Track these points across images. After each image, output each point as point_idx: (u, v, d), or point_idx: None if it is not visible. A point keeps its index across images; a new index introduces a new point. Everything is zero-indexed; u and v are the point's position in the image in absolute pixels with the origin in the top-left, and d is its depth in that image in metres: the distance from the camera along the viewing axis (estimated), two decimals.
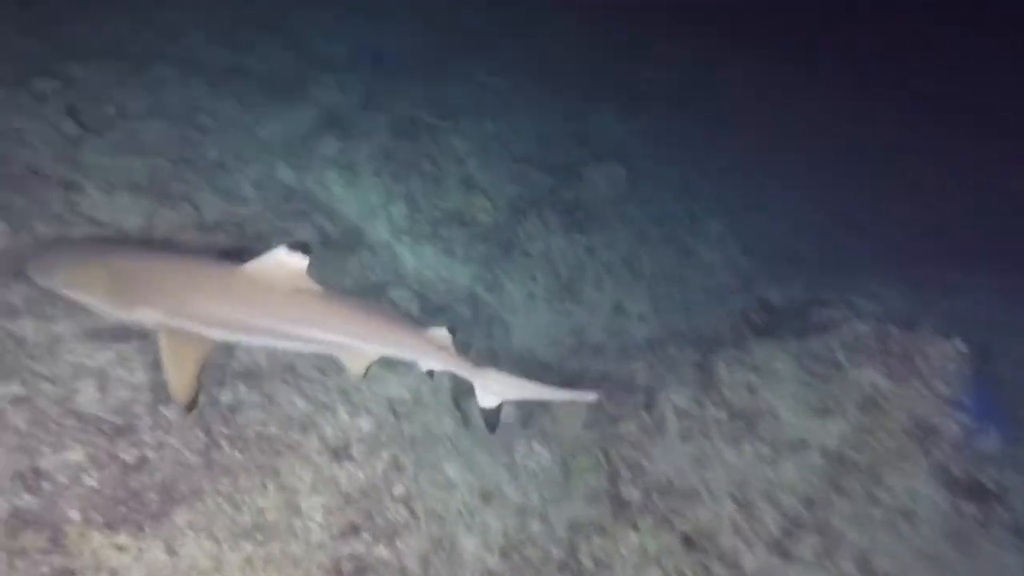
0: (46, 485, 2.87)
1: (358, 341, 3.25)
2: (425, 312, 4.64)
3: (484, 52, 9.04)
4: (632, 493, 4.00)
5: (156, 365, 3.36)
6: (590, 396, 3.63)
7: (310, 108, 6.19)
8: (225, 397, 3.44)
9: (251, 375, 3.60)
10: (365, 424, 3.74)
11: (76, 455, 2.98)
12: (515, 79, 8.60)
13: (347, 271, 4.72)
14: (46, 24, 6.40)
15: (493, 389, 3.43)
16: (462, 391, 4.35)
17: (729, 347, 4.67)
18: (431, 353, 3.35)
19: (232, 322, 3.10)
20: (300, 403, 3.62)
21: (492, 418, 3.47)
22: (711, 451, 4.10)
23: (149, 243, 4.02)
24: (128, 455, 3.07)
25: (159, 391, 3.28)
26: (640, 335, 5.59)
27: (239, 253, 3.52)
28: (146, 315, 3.02)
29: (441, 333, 3.36)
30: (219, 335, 3.10)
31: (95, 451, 3.01)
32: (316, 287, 3.16)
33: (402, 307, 4.68)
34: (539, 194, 6.40)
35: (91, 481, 2.94)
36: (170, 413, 3.25)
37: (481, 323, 4.89)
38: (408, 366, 3.66)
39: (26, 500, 2.81)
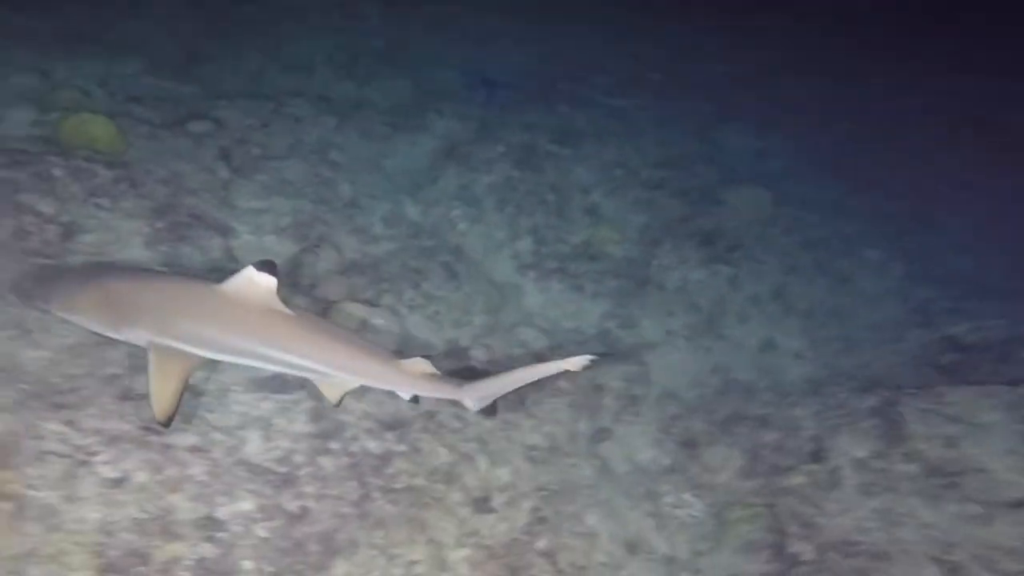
0: (223, 535, 3.07)
1: (335, 371, 3.23)
2: (554, 353, 4.60)
3: (601, 71, 8.85)
4: (804, 549, 3.75)
5: (315, 415, 3.54)
6: (582, 360, 3.29)
7: (430, 139, 6.31)
8: (375, 447, 3.58)
9: (397, 424, 3.72)
10: (504, 474, 3.80)
11: (247, 505, 3.17)
12: (637, 98, 8.32)
13: (475, 310, 4.79)
14: (193, 64, 6.86)
15: (481, 396, 3.42)
16: (600, 437, 4.35)
17: (914, 392, 4.19)
18: (409, 382, 3.32)
19: (210, 341, 3.14)
20: (443, 453, 3.71)
21: (489, 411, 3.49)
22: (902, 508, 3.71)
23: (137, 266, 4.04)
24: (292, 505, 3.24)
25: (317, 441, 3.46)
26: (797, 375, 5.13)
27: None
28: (136, 335, 3.12)
29: (420, 363, 3.32)
30: (200, 353, 3.15)
31: (264, 501, 3.20)
32: (284, 308, 3.16)
33: (530, 346, 4.71)
34: (672, 222, 6.10)
35: (261, 531, 3.12)
36: (327, 463, 3.41)
37: (615, 363, 4.80)
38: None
39: (206, 549, 3.02)
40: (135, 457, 3.10)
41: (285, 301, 3.15)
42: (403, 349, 4.18)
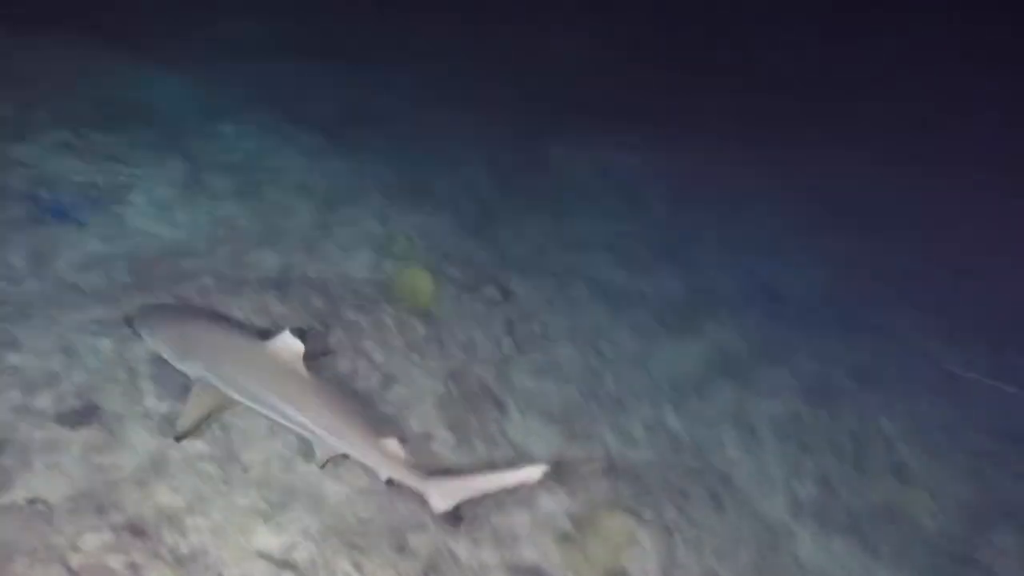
0: None
1: (322, 432, 3.73)
2: None
3: (930, 308, 7.90)
4: None
5: None
6: (537, 471, 3.77)
7: (703, 346, 6.32)
8: None
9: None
10: None
11: None
12: (960, 339, 7.28)
13: (741, 547, 4.63)
14: (487, 226, 7.75)
15: (445, 495, 3.74)
16: None
17: None
18: (383, 461, 3.71)
19: (238, 387, 3.79)
20: None
21: (452, 519, 3.77)
22: None
23: (213, 313, 4.54)
24: None
25: None
26: None
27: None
28: (193, 367, 3.84)
29: (393, 443, 3.73)
30: (231, 394, 3.80)
31: None
32: (303, 370, 3.84)
33: None
34: (1015, 504, 5.39)
35: None
36: None
37: None
38: None
39: None
40: None
41: (309, 365, 3.88)
42: (657, 571, 4.15)
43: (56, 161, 5.90)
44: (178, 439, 3.72)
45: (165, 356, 3.98)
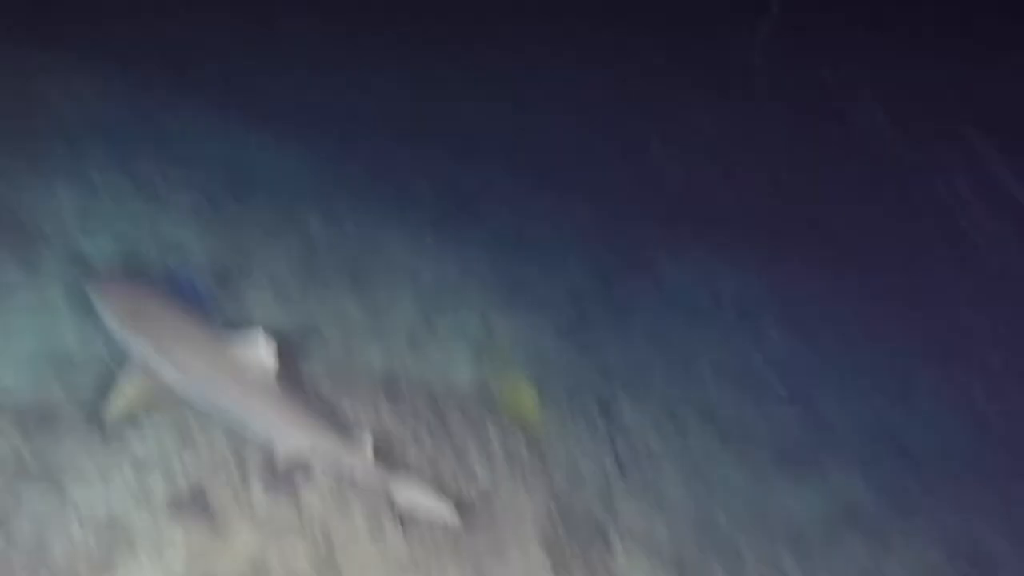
0: None
1: (290, 432, 3.65)
2: None
3: None
4: None
5: None
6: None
7: (825, 494, 5.78)
8: None
9: None
10: None
11: None
12: None
13: None
14: (583, 327, 7.52)
15: (405, 495, 3.77)
16: None
17: None
18: (347, 459, 3.70)
19: (192, 377, 3.61)
20: None
21: (407, 521, 3.82)
22: None
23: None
24: None
25: None
26: None
27: None
28: (137, 343, 3.64)
29: (364, 436, 3.73)
30: (178, 387, 3.64)
31: None
32: (272, 372, 3.68)
33: None
34: None
35: None
36: None
37: None
38: None
39: None
40: None
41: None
42: None
43: (185, 231, 6.11)
44: (100, 426, 3.66)
45: (108, 324, 3.77)
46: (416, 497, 3.81)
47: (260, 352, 3.67)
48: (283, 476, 3.77)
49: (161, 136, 7.57)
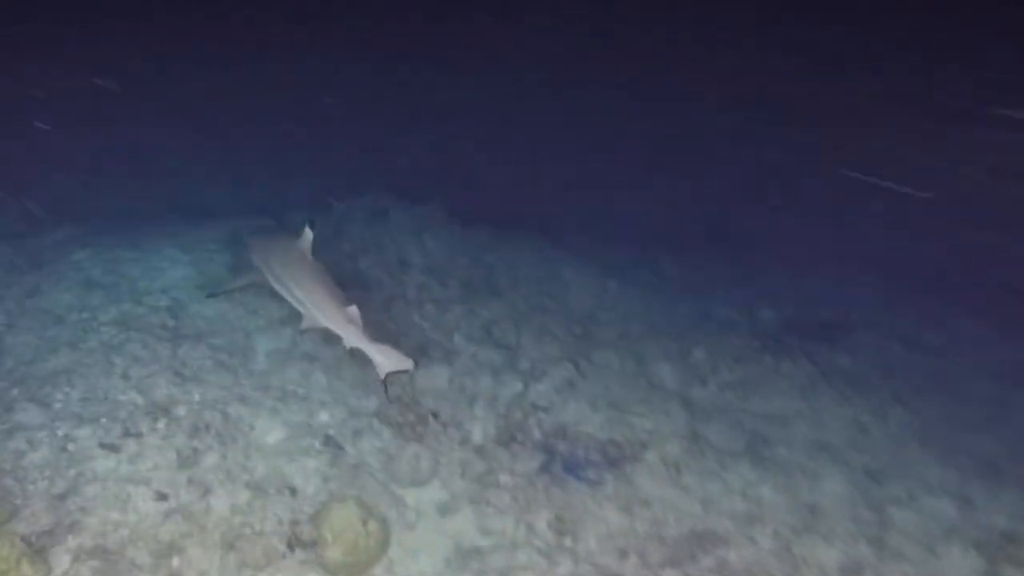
0: None
1: (305, 303, 4.73)
2: None
3: None
4: None
5: None
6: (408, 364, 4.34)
7: None
8: None
9: None
10: None
11: None
12: None
13: None
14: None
15: (385, 360, 4.32)
16: None
17: None
18: (342, 328, 4.44)
19: (271, 272, 5.12)
20: None
21: (386, 387, 4.55)
22: None
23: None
24: None
25: None
26: None
27: None
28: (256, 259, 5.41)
29: (353, 310, 4.39)
30: (267, 276, 5.21)
31: None
32: (308, 255, 4.91)
33: None
34: None
35: None
36: None
37: None
38: None
39: None
40: None
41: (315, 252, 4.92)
42: None
43: (561, 410, 5.46)
44: (209, 295, 5.59)
45: (255, 262, 5.40)
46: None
47: (306, 240, 4.96)
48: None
49: None
